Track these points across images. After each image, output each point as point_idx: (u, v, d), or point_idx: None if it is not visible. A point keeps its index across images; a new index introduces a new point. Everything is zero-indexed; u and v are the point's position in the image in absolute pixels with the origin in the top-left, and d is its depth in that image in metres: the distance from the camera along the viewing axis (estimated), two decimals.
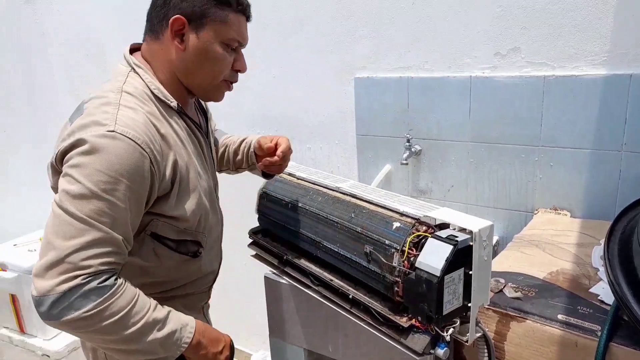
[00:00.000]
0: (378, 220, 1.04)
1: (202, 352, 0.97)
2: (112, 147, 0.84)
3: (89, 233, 0.82)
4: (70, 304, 0.81)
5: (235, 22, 0.99)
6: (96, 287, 0.82)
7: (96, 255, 0.83)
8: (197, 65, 0.99)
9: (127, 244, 0.89)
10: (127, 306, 0.86)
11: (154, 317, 0.89)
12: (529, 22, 1.41)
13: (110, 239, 0.84)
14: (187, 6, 0.95)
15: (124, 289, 0.87)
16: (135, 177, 0.86)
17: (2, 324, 2.18)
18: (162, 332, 0.90)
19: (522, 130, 1.47)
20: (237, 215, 2.19)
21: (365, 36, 1.70)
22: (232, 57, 1.02)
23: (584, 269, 1.11)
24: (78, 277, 0.81)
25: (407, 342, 0.95)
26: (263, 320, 1.55)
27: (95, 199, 0.82)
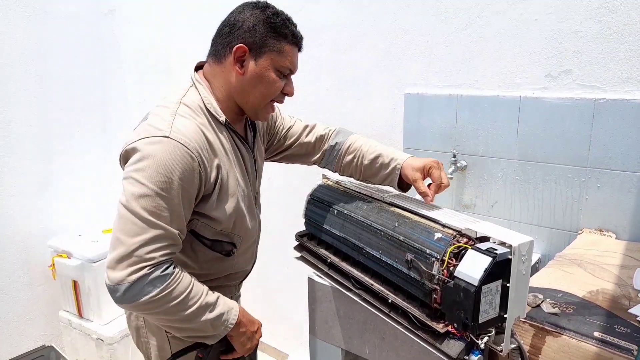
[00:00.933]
0: (420, 230, 1.09)
1: (242, 330, 1.13)
2: (166, 151, 0.97)
3: (150, 230, 0.96)
4: (140, 290, 0.95)
5: (289, 52, 1.11)
6: (159, 275, 0.97)
7: (157, 249, 0.97)
8: (252, 87, 1.11)
9: (181, 235, 1.03)
10: (185, 291, 1.01)
11: (206, 301, 1.04)
12: (581, 46, 1.43)
13: (168, 234, 0.98)
14: (249, 37, 1.08)
15: (182, 277, 1.01)
16: (186, 176, 0.99)
17: (63, 307, 2.35)
18: (213, 314, 1.05)
19: (570, 151, 1.48)
20: (282, 220, 2.29)
21: (418, 54, 1.76)
22: (283, 82, 1.14)
23: (624, 290, 1.11)
24: (144, 268, 0.95)
25: (442, 347, 0.99)
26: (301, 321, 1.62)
27: (154, 197, 0.96)
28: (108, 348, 2.19)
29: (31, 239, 2.26)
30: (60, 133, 2.30)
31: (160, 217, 0.97)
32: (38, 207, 2.27)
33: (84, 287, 2.22)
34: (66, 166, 2.34)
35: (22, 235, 2.23)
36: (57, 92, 2.27)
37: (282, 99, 1.19)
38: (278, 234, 2.33)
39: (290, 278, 2.38)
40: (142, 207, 0.95)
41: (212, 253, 1.15)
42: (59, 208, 2.34)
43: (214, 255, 1.16)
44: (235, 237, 1.18)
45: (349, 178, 1.41)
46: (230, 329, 1.09)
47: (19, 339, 2.27)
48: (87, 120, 2.39)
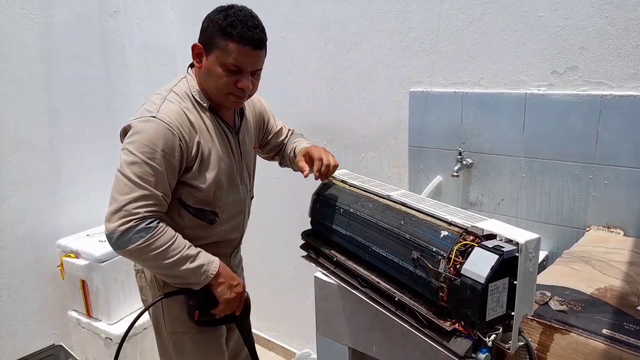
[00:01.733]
0: (426, 228, 1.09)
1: (221, 281, 1.28)
2: (152, 128, 1.19)
3: (138, 190, 1.17)
4: (128, 239, 1.16)
5: (234, 50, 1.22)
6: (144, 227, 1.17)
7: (142, 206, 1.17)
8: (206, 80, 1.29)
9: (166, 198, 1.23)
10: (167, 242, 1.20)
11: (187, 253, 1.22)
12: (587, 42, 1.42)
13: (152, 195, 1.18)
14: (203, 36, 1.26)
15: (165, 231, 1.20)
16: (168, 148, 1.19)
17: (72, 307, 2.37)
18: (194, 264, 1.23)
19: (577, 148, 1.47)
20: (288, 219, 2.29)
21: (423, 52, 1.75)
22: (232, 78, 1.24)
23: (633, 287, 1.10)
24: (132, 221, 1.16)
25: (449, 344, 0.99)
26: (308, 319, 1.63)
27: (141, 164, 1.17)
28: (117, 347, 2.20)
29: (40, 239, 2.28)
30: (67, 134, 2.31)
31: (147, 181, 1.17)
32: (46, 207, 2.29)
33: (92, 287, 2.24)
34: (74, 167, 2.35)
35: (31, 236, 2.25)
36: (63, 93, 2.28)
37: (241, 94, 1.28)
38: (284, 232, 2.34)
39: (297, 276, 2.38)
40: (132, 172, 1.16)
41: (196, 220, 1.33)
42: (67, 208, 2.36)
43: (198, 223, 1.33)
44: (217, 207, 1.34)
45: (355, 174, 1.42)
46: (211, 278, 1.25)
47: (29, 338, 2.29)
48: (93, 121, 2.40)
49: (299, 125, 2.20)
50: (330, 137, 2.12)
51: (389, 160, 1.95)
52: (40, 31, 2.16)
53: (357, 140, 2.04)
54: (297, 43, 2.12)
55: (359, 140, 2.03)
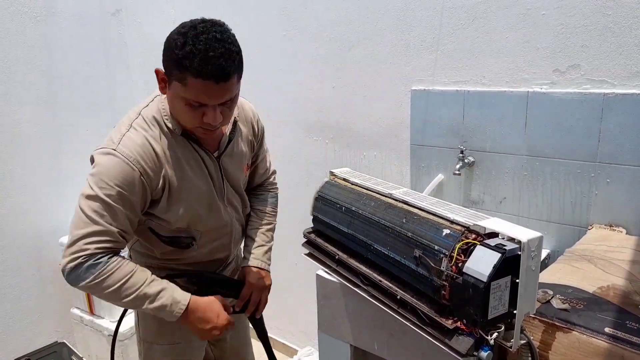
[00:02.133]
0: (428, 227, 1.09)
1: (191, 319, 1.18)
2: (110, 163, 1.11)
3: (91, 226, 1.09)
4: (76, 276, 1.10)
5: (194, 86, 1.04)
6: (92, 263, 1.09)
7: (93, 242, 1.09)
8: (173, 109, 1.16)
9: (124, 234, 1.14)
10: (121, 279, 1.11)
11: (145, 292, 1.13)
12: (589, 41, 1.42)
13: (106, 231, 1.10)
14: (164, 60, 1.11)
15: (118, 267, 1.11)
16: (126, 184, 1.11)
17: (75, 304, 2.38)
18: (153, 304, 1.14)
19: (579, 146, 1.47)
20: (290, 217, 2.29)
21: (424, 50, 1.75)
22: (199, 112, 1.09)
23: (635, 285, 1.10)
24: (79, 258, 1.09)
25: (451, 343, 0.99)
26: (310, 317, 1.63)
27: (97, 200, 1.09)
28: (119, 344, 2.21)
29: (42, 237, 2.29)
30: (69, 132, 2.32)
31: (101, 216, 1.09)
32: (48, 205, 2.30)
33: None
34: (75, 165, 2.36)
35: (33, 234, 2.26)
36: (65, 92, 2.29)
37: (208, 127, 1.12)
38: (286, 230, 2.34)
39: (299, 275, 2.38)
40: (87, 206, 1.10)
41: (170, 247, 1.28)
42: (69, 206, 2.36)
43: (172, 249, 1.28)
44: (194, 232, 1.28)
45: (357, 173, 1.42)
46: (178, 317, 1.17)
47: (32, 335, 2.30)
48: (94, 120, 2.41)
49: (300, 124, 2.21)
50: (331, 136, 2.12)
51: (390, 158, 1.95)
52: (42, 29, 2.17)
53: (359, 138, 2.03)
54: (298, 41, 2.11)
55: (360, 139, 2.03)
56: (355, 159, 2.06)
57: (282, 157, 2.31)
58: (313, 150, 2.21)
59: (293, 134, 2.25)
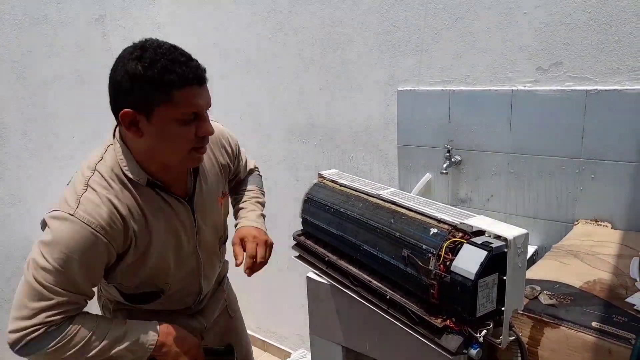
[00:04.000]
0: (416, 226, 1.10)
1: (165, 351, 1.12)
2: (68, 230, 0.99)
3: (54, 298, 0.99)
4: (35, 346, 1.00)
5: (183, 96, 1.00)
6: (56, 329, 1.01)
7: (58, 313, 1.00)
8: (158, 147, 1.05)
9: (87, 298, 1.07)
10: (86, 335, 1.03)
11: (114, 336, 1.06)
12: (571, 38, 1.43)
13: (70, 300, 1.02)
14: (131, 99, 1.00)
15: (80, 325, 1.03)
16: (87, 252, 1.00)
17: None
18: (125, 344, 1.07)
19: (563, 143, 1.49)
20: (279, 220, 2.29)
21: (409, 51, 1.76)
22: (192, 128, 1.04)
23: (621, 279, 1.12)
24: (41, 329, 0.99)
25: (441, 341, 1.00)
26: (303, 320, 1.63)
27: (55, 272, 0.99)
28: None
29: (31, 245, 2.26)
30: (57, 139, 2.30)
31: (62, 288, 1.00)
32: (38, 215, 2.25)
33: None
34: (64, 173, 2.33)
35: (23, 244, 2.22)
36: (50, 98, 2.26)
37: (202, 142, 1.08)
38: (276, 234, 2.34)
39: (289, 277, 2.38)
40: (43, 279, 0.99)
41: (136, 302, 1.22)
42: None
43: (139, 303, 1.22)
44: (162, 285, 1.21)
45: (345, 174, 1.43)
46: (152, 349, 1.10)
47: None
48: (82, 126, 2.38)
49: (288, 127, 2.21)
50: (319, 138, 2.12)
51: (378, 159, 1.96)
52: (24, 36, 2.14)
53: (346, 140, 2.04)
54: (284, 45, 2.12)
55: (348, 140, 2.03)
56: (343, 161, 2.07)
57: (271, 160, 2.31)
58: (301, 153, 2.21)
59: (281, 137, 2.25)
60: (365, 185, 1.34)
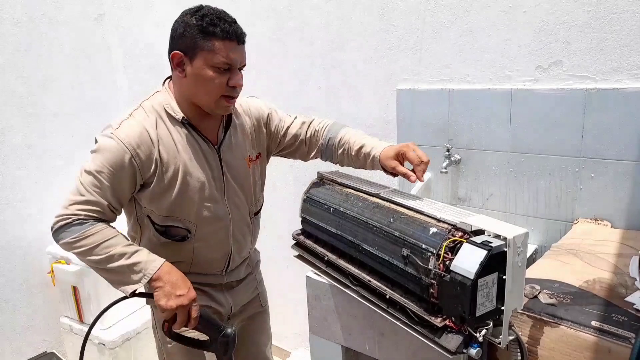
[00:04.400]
0: (416, 226, 1.10)
1: (159, 285, 1.17)
2: (106, 144, 1.20)
3: (85, 195, 1.19)
4: (63, 231, 1.18)
5: (221, 48, 1.18)
6: (79, 223, 1.18)
7: (83, 209, 1.19)
8: (195, 88, 1.23)
9: (112, 208, 1.22)
10: (101, 239, 1.17)
11: (122, 251, 1.18)
12: (570, 37, 1.43)
13: (96, 202, 1.19)
14: (182, 42, 1.20)
15: (104, 228, 1.19)
16: (117, 165, 1.19)
17: (64, 313, 2.35)
18: (128, 261, 1.17)
19: (563, 142, 1.48)
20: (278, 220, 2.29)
21: (408, 49, 1.76)
22: (224, 77, 1.21)
23: (621, 278, 1.12)
24: (70, 219, 1.18)
25: (440, 341, 1.00)
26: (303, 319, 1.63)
27: (91, 175, 1.19)
28: (110, 352, 2.19)
29: (29, 246, 2.26)
30: (55, 138, 2.30)
31: (93, 190, 1.19)
32: (35, 214, 2.27)
33: (84, 293, 2.22)
34: (61, 171, 2.33)
35: (20, 243, 2.23)
36: (49, 98, 2.26)
37: (233, 92, 1.24)
38: (275, 233, 2.34)
39: (289, 277, 2.38)
40: (84, 179, 1.19)
41: (165, 239, 1.31)
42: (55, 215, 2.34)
43: (169, 241, 1.31)
44: (188, 223, 1.30)
45: (345, 173, 1.43)
46: (149, 277, 1.17)
47: (20, 346, 2.27)
48: (80, 125, 2.38)
49: None
50: None
51: None
52: (24, 36, 2.14)
53: None
54: (283, 44, 2.11)
55: None
56: None
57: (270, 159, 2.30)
58: None
59: None
60: (365, 184, 1.34)
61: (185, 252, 1.33)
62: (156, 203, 1.26)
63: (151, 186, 1.24)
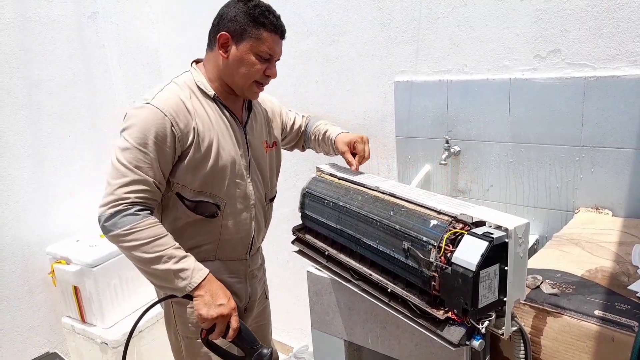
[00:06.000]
0: (416, 218, 1.09)
1: (200, 293, 1.18)
2: (144, 114, 1.20)
3: (130, 175, 1.17)
4: (114, 222, 1.15)
5: (267, 39, 1.26)
6: (132, 213, 1.16)
7: (133, 191, 1.17)
8: (235, 69, 1.28)
9: (158, 185, 1.22)
10: (153, 236, 1.16)
11: (171, 253, 1.17)
12: (569, 24, 1.42)
13: (143, 181, 1.18)
14: (231, 26, 1.25)
15: (154, 224, 1.18)
16: (160, 134, 1.19)
17: (66, 314, 2.35)
18: (176, 265, 1.17)
19: (563, 131, 1.47)
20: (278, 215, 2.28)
21: (406, 41, 1.75)
22: (263, 65, 1.28)
23: (623, 267, 1.11)
24: (120, 205, 1.16)
25: (443, 333, 0.99)
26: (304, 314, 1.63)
27: (133, 150, 1.17)
28: (113, 352, 2.19)
29: (29, 247, 2.25)
30: (51, 139, 2.28)
31: (138, 166, 1.17)
32: (34, 214, 2.26)
33: (85, 292, 2.21)
34: (59, 172, 2.32)
35: (20, 244, 2.22)
36: (44, 98, 2.24)
37: (266, 81, 1.32)
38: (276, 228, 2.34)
39: (290, 272, 2.38)
40: (124, 157, 1.17)
41: (197, 215, 1.31)
42: (55, 215, 2.33)
43: (199, 218, 1.31)
44: (218, 198, 1.31)
45: (344, 167, 1.42)
46: (194, 286, 1.18)
47: (23, 347, 2.27)
48: (76, 125, 2.36)
49: None
50: None
51: (377, 151, 1.95)
52: (17, 35, 2.12)
53: None
54: None
55: None
56: None
57: None
58: None
59: None
60: (364, 178, 1.33)
61: (214, 231, 1.34)
62: (191, 175, 1.26)
63: (188, 157, 1.25)
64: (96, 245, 2.25)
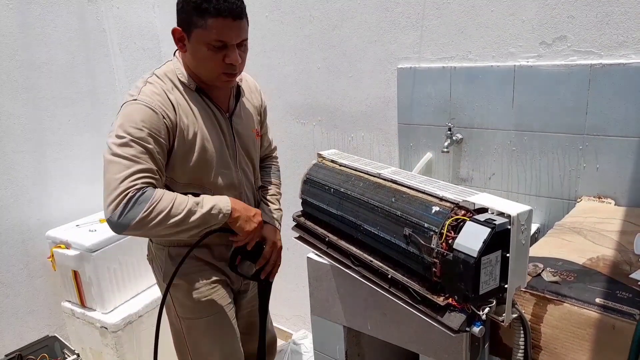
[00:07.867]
0: (418, 205, 1.08)
1: (237, 215, 1.27)
2: (136, 110, 1.19)
3: (133, 166, 1.16)
4: (130, 212, 1.13)
5: (214, 25, 1.17)
6: (143, 194, 1.15)
7: (138, 178, 1.16)
8: (194, 63, 1.26)
9: (160, 173, 1.22)
10: (171, 199, 1.17)
11: (194, 202, 1.21)
12: (575, 11, 1.40)
13: (147, 169, 1.18)
14: (180, 19, 1.22)
15: (164, 193, 1.18)
16: (154, 126, 1.19)
17: (65, 298, 2.36)
18: (205, 207, 1.21)
19: (567, 119, 1.46)
20: None
21: (409, 27, 1.72)
22: (220, 54, 1.21)
23: (625, 255, 1.11)
24: (130, 192, 1.13)
25: (443, 319, 0.99)
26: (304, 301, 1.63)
27: (131, 143, 1.16)
28: (112, 336, 2.19)
29: (29, 231, 2.25)
30: (51, 123, 2.27)
31: (139, 157, 1.17)
32: (34, 199, 2.25)
33: (84, 277, 2.22)
34: (59, 156, 2.31)
35: (20, 228, 2.22)
36: (44, 81, 2.23)
37: (231, 69, 1.25)
38: None
39: (290, 258, 2.38)
40: (123, 152, 1.16)
41: None
42: (55, 199, 2.32)
43: None
44: (206, 189, 1.32)
45: (345, 154, 1.41)
46: (229, 213, 1.25)
47: (23, 330, 2.28)
48: (77, 109, 2.35)
49: (287, 107, 2.18)
50: (319, 118, 2.09)
51: (378, 138, 1.93)
52: (17, 17, 2.10)
53: (346, 119, 2.01)
54: (281, 23, 2.07)
55: (348, 120, 2.01)
56: (343, 141, 2.04)
57: None
58: (300, 133, 2.18)
59: (279, 117, 2.22)
60: (366, 164, 1.32)
61: None
62: (178, 168, 1.27)
63: (174, 149, 1.25)
64: (96, 230, 2.25)
